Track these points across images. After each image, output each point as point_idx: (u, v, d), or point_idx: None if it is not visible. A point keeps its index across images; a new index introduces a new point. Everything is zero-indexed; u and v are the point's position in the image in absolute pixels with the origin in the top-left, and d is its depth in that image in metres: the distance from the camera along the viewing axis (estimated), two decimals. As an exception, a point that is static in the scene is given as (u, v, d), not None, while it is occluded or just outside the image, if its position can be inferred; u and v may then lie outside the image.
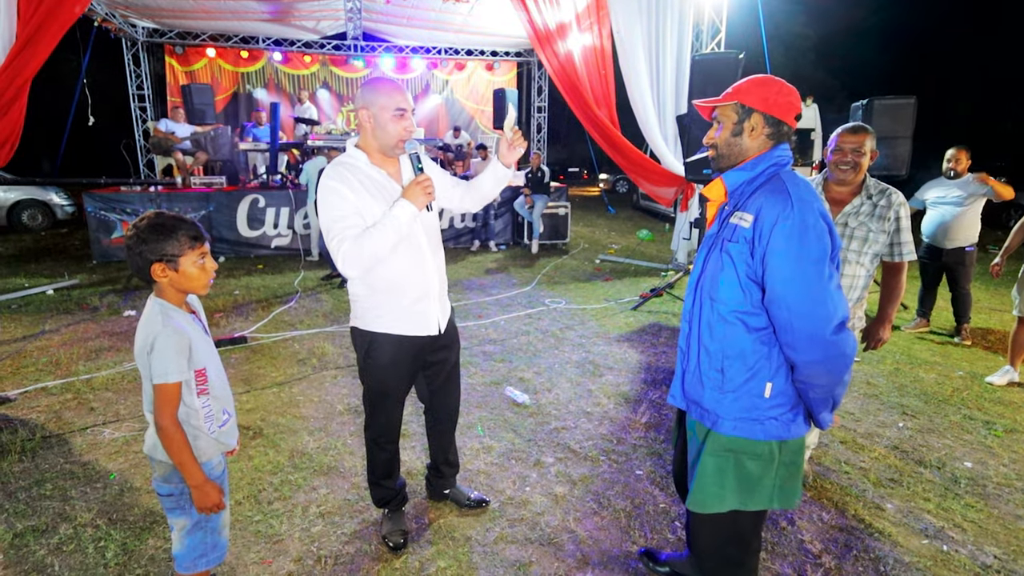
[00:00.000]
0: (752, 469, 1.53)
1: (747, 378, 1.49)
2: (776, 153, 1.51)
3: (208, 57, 11.52)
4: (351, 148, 1.99)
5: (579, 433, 3.15)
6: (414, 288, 2.02)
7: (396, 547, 2.19)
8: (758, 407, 1.49)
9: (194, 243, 1.52)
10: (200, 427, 1.56)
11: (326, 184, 1.87)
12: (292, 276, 6.80)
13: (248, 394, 3.56)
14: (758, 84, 1.52)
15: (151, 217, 1.50)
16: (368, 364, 2.07)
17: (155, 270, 1.49)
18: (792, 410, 1.50)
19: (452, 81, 13.10)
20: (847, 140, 2.31)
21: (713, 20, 6.99)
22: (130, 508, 2.42)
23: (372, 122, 1.90)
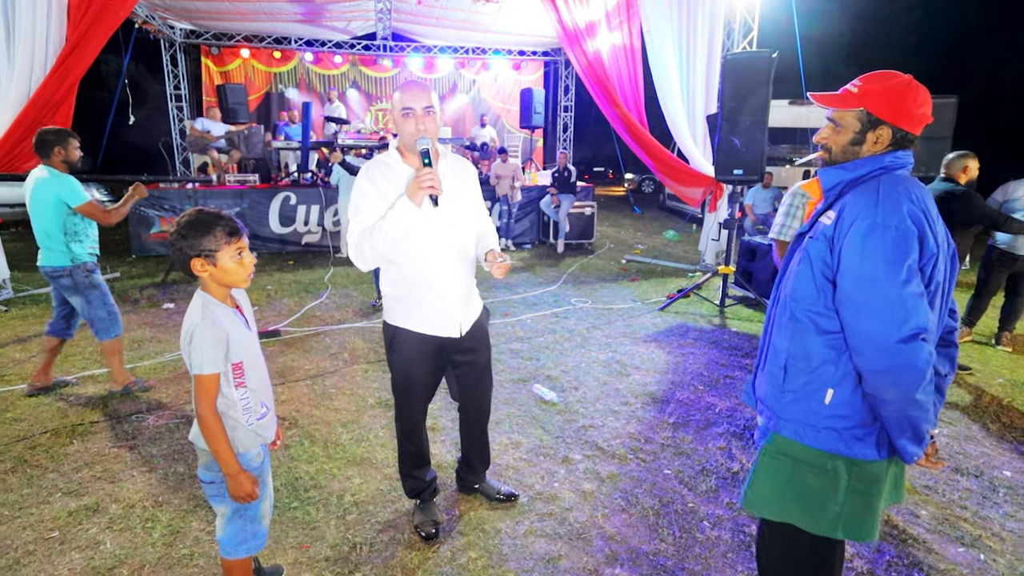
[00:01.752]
0: (813, 484, 1.43)
1: (807, 380, 1.42)
2: (888, 157, 1.38)
3: (242, 58, 11.79)
4: (391, 147, 2.08)
5: (606, 431, 3.17)
6: (435, 288, 2.06)
7: (428, 537, 2.24)
8: (816, 413, 1.41)
9: (231, 238, 1.56)
10: (238, 419, 1.62)
11: (357, 180, 2.02)
12: (322, 272, 6.94)
13: (283, 386, 3.66)
14: (891, 89, 1.36)
15: (191, 214, 1.56)
16: (392, 357, 2.16)
17: (195, 265, 1.54)
18: (859, 427, 1.38)
19: (479, 80, 13.16)
20: None
21: (745, 18, 6.91)
22: (174, 491, 2.53)
23: (393, 120, 2.01)
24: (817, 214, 1.46)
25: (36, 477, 2.62)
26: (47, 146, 3.19)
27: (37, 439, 2.96)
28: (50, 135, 3.20)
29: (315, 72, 12.38)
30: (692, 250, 8.71)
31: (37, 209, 3.20)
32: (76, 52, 4.99)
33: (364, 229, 1.93)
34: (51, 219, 3.19)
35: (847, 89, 1.42)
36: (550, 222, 8.91)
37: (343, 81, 12.53)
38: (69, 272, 3.27)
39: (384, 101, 12.85)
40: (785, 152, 9.88)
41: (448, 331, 2.12)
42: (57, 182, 3.17)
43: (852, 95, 1.40)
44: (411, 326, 2.08)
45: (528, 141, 12.49)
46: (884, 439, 1.38)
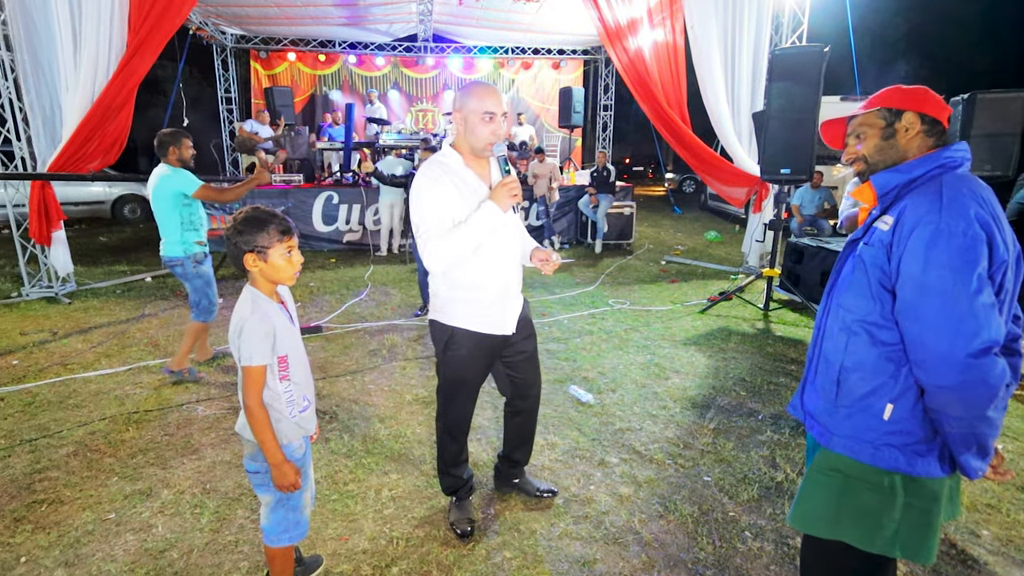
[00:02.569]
0: (868, 501, 1.35)
1: (865, 394, 1.34)
2: (945, 154, 1.32)
3: (289, 61, 12.16)
4: (446, 148, 2.07)
5: (644, 435, 3.12)
6: (494, 288, 2.08)
7: (464, 535, 2.25)
8: (874, 429, 1.33)
9: (283, 236, 1.62)
10: (282, 411, 1.66)
11: (421, 182, 1.97)
12: (362, 270, 7.08)
13: (324, 381, 3.75)
14: (896, 89, 1.39)
15: (248, 211, 1.62)
16: (447, 357, 2.15)
17: (247, 260, 1.60)
18: (921, 443, 1.30)
19: (519, 80, 13.18)
20: None
21: (795, 11, 6.67)
22: (221, 480, 2.62)
23: (464, 124, 1.98)
24: (872, 219, 1.39)
25: (95, 461, 2.76)
26: (164, 146, 3.54)
27: (96, 425, 3.12)
28: (166, 136, 3.55)
29: (358, 74, 12.65)
30: (735, 252, 8.48)
31: (158, 203, 3.54)
32: (136, 58, 5.24)
33: (445, 232, 1.93)
34: (169, 212, 3.52)
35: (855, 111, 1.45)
36: (588, 222, 8.84)
37: (385, 82, 12.77)
38: (182, 262, 3.60)
39: (424, 102, 13.02)
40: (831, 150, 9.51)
41: (505, 329, 2.15)
42: (173, 176, 3.51)
43: (865, 103, 1.43)
44: (470, 326, 2.09)
45: (567, 140, 12.44)
46: (947, 454, 1.30)
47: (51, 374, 3.78)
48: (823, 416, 1.43)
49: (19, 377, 3.72)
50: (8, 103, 5.39)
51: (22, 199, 5.62)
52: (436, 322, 2.15)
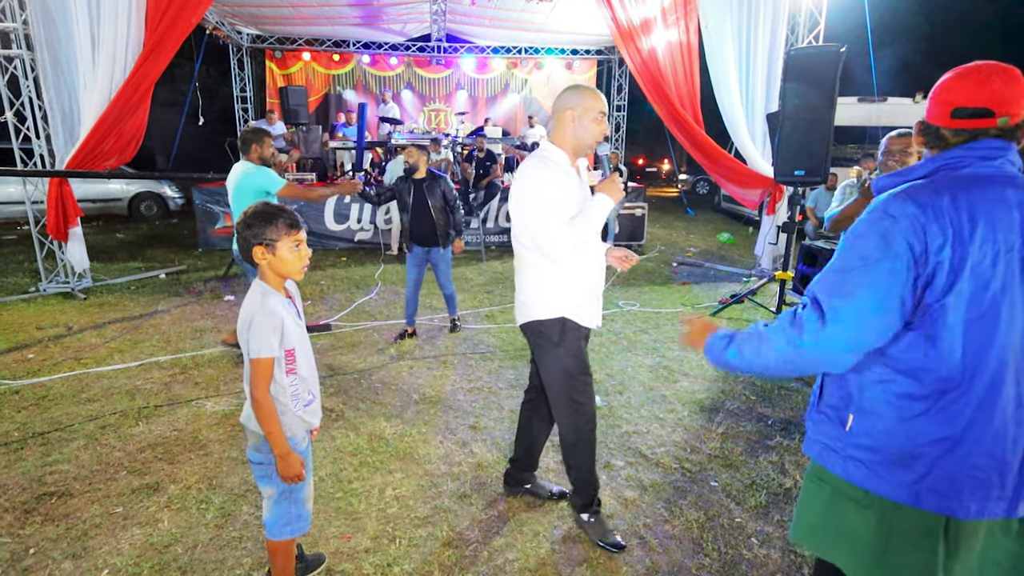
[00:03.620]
0: (854, 522, 1.24)
1: (835, 401, 1.29)
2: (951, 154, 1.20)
3: (303, 60, 12.26)
4: (549, 146, 2.08)
5: (651, 438, 3.09)
6: (593, 280, 2.15)
7: (618, 546, 2.22)
8: (839, 438, 1.26)
9: (291, 229, 1.65)
10: (287, 404, 1.68)
11: (537, 176, 1.99)
12: (373, 269, 7.11)
13: (331, 378, 3.76)
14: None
15: (258, 206, 1.66)
16: (566, 343, 2.12)
17: (256, 252, 1.63)
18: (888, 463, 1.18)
19: (531, 80, 13.16)
20: (895, 143, 2.69)
21: (811, 10, 6.58)
22: (227, 476, 2.64)
23: (575, 122, 2.03)
24: None
25: (105, 455, 2.80)
26: (247, 144, 3.70)
27: (107, 419, 3.16)
28: (249, 134, 3.72)
29: (371, 74, 12.72)
30: (748, 254, 8.39)
31: (239, 199, 3.64)
32: (152, 57, 5.30)
33: (571, 222, 1.98)
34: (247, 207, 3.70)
35: None
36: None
37: (398, 82, 12.82)
38: None
39: (437, 101, 13.05)
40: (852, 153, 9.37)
41: (596, 321, 2.21)
42: (257, 173, 3.65)
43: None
44: (575, 316, 2.12)
45: (579, 141, 12.39)
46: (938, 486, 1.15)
47: (65, 368, 3.84)
48: (808, 422, 1.39)
49: (34, 371, 3.79)
50: (28, 101, 5.48)
51: (40, 196, 5.73)
52: (541, 320, 2.12)
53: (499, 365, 4.06)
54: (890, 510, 1.19)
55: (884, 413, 1.20)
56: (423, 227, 4.28)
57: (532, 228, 1.99)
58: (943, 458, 1.14)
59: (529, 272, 2.12)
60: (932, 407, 1.15)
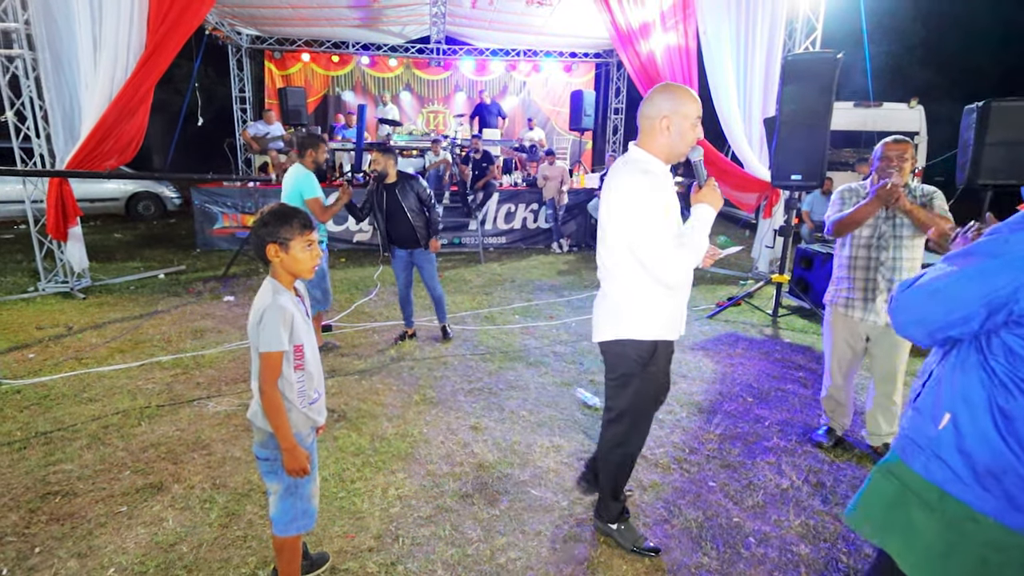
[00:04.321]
0: (919, 522, 1.20)
1: (933, 398, 1.25)
2: None
3: (302, 62, 12.27)
4: (643, 155, 1.96)
5: (650, 439, 3.11)
6: (684, 292, 2.08)
7: (654, 549, 2.23)
8: (927, 435, 1.22)
9: (304, 229, 1.71)
10: (293, 400, 1.72)
11: (644, 191, 1.86)
12: (372, 270, 7.13)
13: (333, 379, 3.78)
14: None
15: (274, 207, 1.73)
16: (647, 374, 2.05)
17: (270, 250, 1.68)
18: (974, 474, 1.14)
19: (530, 82, 13.21)
20: (892, 149, 2.74)
21: (809, 17, 6.64)
22: (231, 475, 2.66)
23: (669, 129, 1.91)
24: None
25: (108, 455, 2.81)
26: (304, 148, 3.92)
27: (109, 419, 3.17)
28: (307, 139, 3.93)
29: (370, 75, 12.74)
30: (744, 257, 8.45)
31: (287, 197, 3.82)
32: (153, 58, 5.32)
33: (684, 240, 1.87)
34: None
35: None
36: (597, 225, 8.84)
37: (397, 84, 12.84)
38: None
39: (436, 103, 13.08)
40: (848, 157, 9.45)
41: (682, 331, 2.13)
42: (303, 177, 3.83)
43: None
44: (665, 335, 2.05)
45: (577, 143, 12.45)
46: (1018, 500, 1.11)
47: (66, 368, 3.85)
48: (904, 418, 1.34)
49: (35, 371, 3.79)
50: (29, 101, 5.49)
51: (40, 195, 5.73)
52: (631, 340, 2.01)
53: (499, 367, 4.09)
54: (962, 517, 1.15)
55: (985, 419, 1.14)
56: (401, 230, 4.25)
57: (641, 248, 1.87)
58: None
59: (620, 287, 2.01)
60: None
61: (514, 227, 9.01)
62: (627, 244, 1.92)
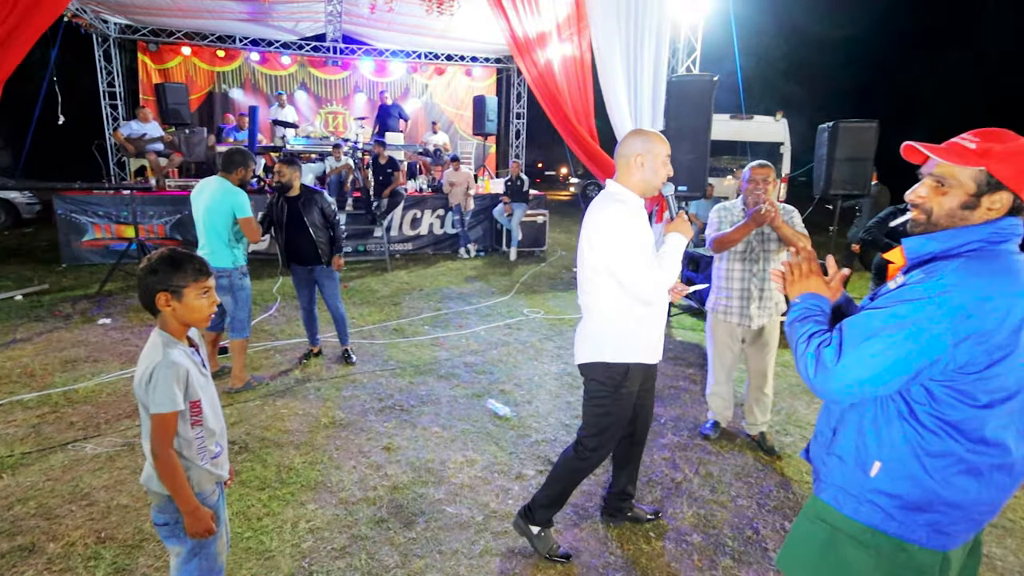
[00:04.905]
0: (853, 559, 1.27)
1: (856, 446, 1.29)
2: (989, 228, 1.19)
3: (183, 55, 11.32)
4: (619, 188, 2.15)
5: (559, 446, 3.27)
6: (660, 317, 2.23)
7: (567, 555, 2.36)
8: (859, 483, 1.27)
9: (199, 276, 1.61)
10: (192, 459, 1.62)
11: (621, 219, 2.05)
12: (270, 283, 6.77)
13: (231, 407, 3.58)
14: (1011, 152, 1.17)
15: (164, 252, 1.61)
16: (620, 395, 2.20)
17: (159, 299, 1.56)
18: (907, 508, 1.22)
19: (432, 86, 13.13)
20: (757, 173, 3.08)
21: (689, 38, 7.21)
22: (119, 526, 2.45)
23: (644, 166, 2.11)
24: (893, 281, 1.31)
25: (-37, 516, 2.48)
26: (235, 164, 3.71)
27: (-38, 473, 2.79)
28: (239, 156, 3.73)
29: (261, 72, 12.03)
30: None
31: (214, 216, 3.61)
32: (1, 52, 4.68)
33: (660, 264, 2.09)
34: (224, 225, 3.63)
35: (959, 144, 1.22)
36: (503, 230, 9.01)
37: (291, 82, 12.23)
38: (229, 273, 3.69)
39: (335, 104, 12.62)
40: (727, 164, 10.45)
41: (659, 356, 2.31)
42: (234, 195, 3.66)
43: (970, 152, 1.19)
44: (642, 358, 2.21)
45: (481, 147, 12.57)
46: (946, 527, 1.21)
47: (-101, 416, 3.32)
48: (818, 461, 1.40)
49: None
50: None
51: None
52: (605, 363, 2.18)
53: (410, 381, 4.08)
54: (892, 549, 1.24)
55: (911, 461, 1.22)
56: (302, 246, 4.09)
57: (620, 269, 2.06)
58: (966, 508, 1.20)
59: (598, 312, 2.19)
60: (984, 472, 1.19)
61: (421, 233, 8.94)
62: (607, 267, 2.10)
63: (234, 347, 3.82)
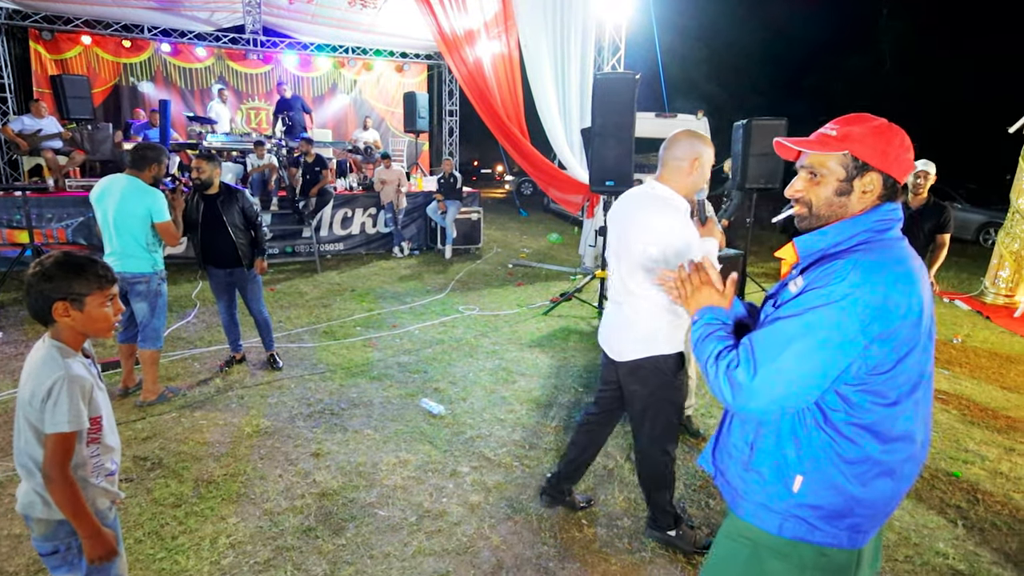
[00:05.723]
0: (776, 571, 1.28)
1: (777, 461, 1.26)
2: (874, 217, 1.21)
3: (83, 45, 10.44)
4: (671, 193, 2.17)
5: (493, 441, 3.28)
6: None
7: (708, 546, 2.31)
8: (783, 499, 1.25)
9: (103, 283, 1.47)
10: (87, 478, 1.50)
11: (675, 219, 2.11)
12: (189, 287, 6.39)
13: (143, 421, 3.35)
14: (875, 131, 1.21)
15: (59, 256, 1.45)
16: (678, 382, 2.28)
17: (57, 309, 1.41)
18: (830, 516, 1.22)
19: (360, 81, 12.78)
20: None
21: (613, 38, 7.40)
22: (8, 558, 2.23)
23: (698, 170, 2.15)
24: (790, 277, 1.29)
25: None
26: (146, 161, 3.42)
27: None
28: (151, 152, 3.45)
29: (174, 65, 11.30)
30: (575, 253, 9.16)
31: (127, 218, 3.35)
32: None
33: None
34: (139, 229, 3.38)
35: (823, 134, 1.26)
36: (437, 228, 8.92)
37: (208, 76, 11.56)
38: (148, 279, 3.46)
39: (256, 99, 12.04)
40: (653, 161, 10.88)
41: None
42: (150, 196, 3.39)
43: (831, 139, 1.23)
44: (682, 347, 2.28)
45: (413, 145, 12.39)
46: (863, 527, 1.23)
47: None
48: (734, 478, 1.35)
49: None
50: None
51: None
52: (662, 355, 2.23)
53: (340, 384, 3.96)
54: (814, 556, 1.24)
55: (831, 471, 1.21)
56: (220, 247, 3.88)
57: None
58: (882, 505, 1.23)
59: (651, 308, 2.21)
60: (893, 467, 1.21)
61: (352, 232, 8.71)
62: (656, 263, 2.16)
63: (145, 358, 3.55)
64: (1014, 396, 4.17)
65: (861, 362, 1.14)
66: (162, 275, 3.55)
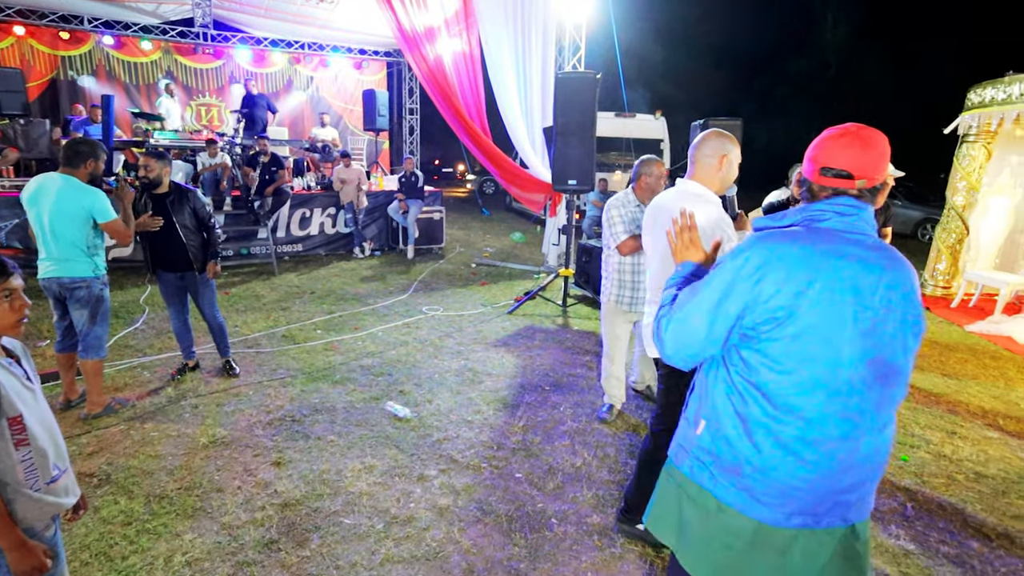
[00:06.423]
0: (688, 515, 1.38)
1: (692, 407, 1.44)
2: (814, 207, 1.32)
3: (15, 35, 9.80)
4: (703, 189, 2.26)
5: (461, 443, 3.24)
6: None
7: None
8: (690, 439, 1.40)
9: (1, 276, 1.37)
10: (19, 484, 1.39)
11: (715, 212, 2.21)
12: (137, 292, 6.09)
13: (88, 435, 3.16)
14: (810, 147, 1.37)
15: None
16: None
17: None
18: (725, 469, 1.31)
19: (317, 78, 12.46)
20: (658, 167, 3.35)
21: (574, 37, 7.45)
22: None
23: (728, 166, 2.25)
24: None
25: None
26: (81, 156, 3.22)
27: None
28: (85, 146, 3.25)
29: (117, 58, 10.73)
30: (538, 251, 9.19)
31: (64, 219, 3.15)
32: None
33: None
34: (79, 231, 3.20)
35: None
36: (399, 228, 8.80)
37: (154, 71, 11.04)
38: (89, 284, 3.27)
39: (208, 95, 11.58)
40: (614, 160, 11.00)
41: None
42: (89, 196, 3.19)
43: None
44: None
45: (374, 143, 12.18)
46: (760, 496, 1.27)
47: None
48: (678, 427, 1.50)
49: None
50: None
51: None
52: None
53: (301, 390, 3.85)
54: (715, 509, 1.32)
55: (727, 423, 1.32)
56: (171, 250, 3.71)
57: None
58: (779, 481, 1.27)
59: None
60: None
61: (311, 233, 8.48)
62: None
63: (88, 369, 3.34)
64: (953, 382, 4.41)
65: (748, 317, 1.26)
66: (104, 280, 3.35)
